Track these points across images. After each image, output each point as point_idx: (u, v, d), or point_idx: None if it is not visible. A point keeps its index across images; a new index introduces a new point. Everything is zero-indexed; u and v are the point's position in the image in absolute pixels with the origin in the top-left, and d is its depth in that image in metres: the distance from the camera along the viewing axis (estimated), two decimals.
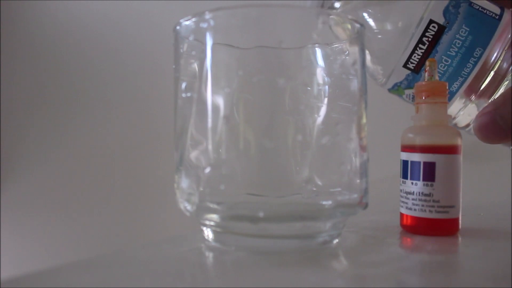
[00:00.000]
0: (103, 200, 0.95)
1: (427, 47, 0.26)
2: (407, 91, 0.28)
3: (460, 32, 0.25)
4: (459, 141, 0.23)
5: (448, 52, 0.26)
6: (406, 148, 0.24)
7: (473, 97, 0.27)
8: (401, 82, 0.27)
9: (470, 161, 0.36)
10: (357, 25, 0.22)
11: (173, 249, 0.22)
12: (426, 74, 0.24)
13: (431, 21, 0.25)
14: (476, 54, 0.25)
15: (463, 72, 0.26)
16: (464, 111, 0.27)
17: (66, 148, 0.98)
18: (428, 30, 0.25)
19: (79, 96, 0.97)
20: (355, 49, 0.22)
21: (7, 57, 1.02)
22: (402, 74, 0.27)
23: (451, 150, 0.23)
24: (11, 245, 1.02)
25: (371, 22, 0.27)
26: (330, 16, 0.22)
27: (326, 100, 0.21)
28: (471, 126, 0.27)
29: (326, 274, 0.18)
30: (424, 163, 0.23)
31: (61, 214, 0.98)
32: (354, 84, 0.22)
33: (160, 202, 0.79)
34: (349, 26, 0.22)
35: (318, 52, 0.21)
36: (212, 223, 0.21)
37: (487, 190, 0.44)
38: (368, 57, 0.28)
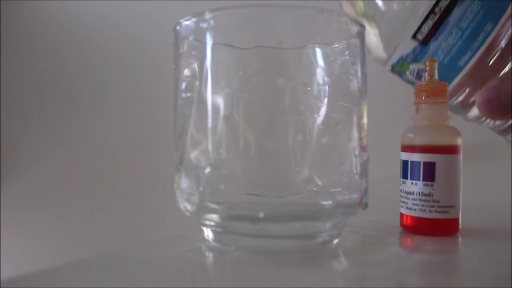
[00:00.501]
0: (103, 200, 0.95)
1: (438, 17, 0.25)
2: (412, 66, 0.28)
3: (472, 6, 0.25)
4: (459, 141, 0.23)
5: (459, 25, 0.25)
6: (406, 148, 0.24)
7: (478, 78, 0.26)
8: (407, 55, 0.27)
9: (470, 161, 0.36)
10: (357, 25, 0.22)
11: (173, 249, 0.22)
12: (426, 74, 0.24)
13: None
14: (487, 29, 0.25)
15: (472, 45, 0.26)
16: (469, 90, 0.27)
17: (66, 148, 0.98)
18: (441, 0, 0.25)
19: (79, 96, 0.97)
20: (355, 49, 0.22)
21: (7, 57, 1.02)
22: (410, 46, 0.27)
23: (451, 150, 0.23)
24: (11, 245, 1.02)
25: (378, 0, 0.27)
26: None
27: (326, 100, 0.21)
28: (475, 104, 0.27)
29: (326, 274, 0.18)
30: (424, 163, 0.23)
31: (61, 214, 0.99)
32: (354, 84, 0.22)
33: (160, 202, 0.79)
34: (361, 6, 0.22)
35: (318, 52, 0.21)
36: (212, 223, 0.21)
37: (487, 190, 0.44)
38: (373, 31, 0.28)
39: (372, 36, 0.28)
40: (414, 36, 0.26)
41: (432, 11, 0.25)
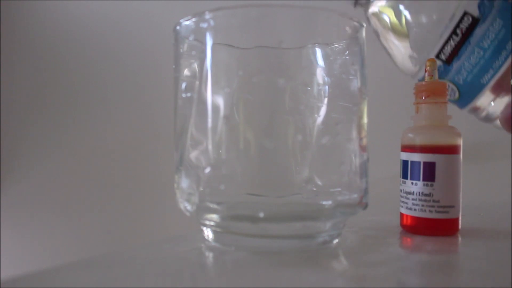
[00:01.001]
0: (103, 200, 0.95)
1: (460, 38, 0.26)
2: None
3: (493, 25, 0.26)
4: (459, 141, 0.23)
5: (480, 44, 0.26)
6: (406, 148, 0.24)
7: (502, 93, 0.27)
8: None
9: (470, 161, 0.36)
10: (357, 25, 0.22)
11: (173, 249, 0.22)
12: (426, 74, 0.24)
13: (465, 13, 0.26)
14: (508, 47, 0.26)
15: (494, 64, 0.26)
16: (494, 104, 0.28)
17: (66, 148, 0.98)
18: (462, 21, 0.26)
19: (79, 96, 0.97)
20: (355, 49, 0.22)
21: (7, 57, 1.02)
22: None
23: (451, 150, 0.23)
24: (11, 245, 1.02)
25: (407, 14, 0.27)
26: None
27: (326, 100, 0.21)
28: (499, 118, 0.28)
29: (326, 274, 0.18)
30: (424, 163, 0.23)
31: (61, 214, 0.99)
32: (354, 84, 0.22)
33: (160, 202, 0.79)
34: (392, 18, 0.22)
35: (318, 52, 0.21)
36: (212, 223, 0.21)
37: (487, 190, 0.44)
38: (402, 44, 0.28)
39: (401, 48, 0.29)
40: (437, 56, 0.27)
41: (454, 31, 0.26)
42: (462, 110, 0.30)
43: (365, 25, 0.23)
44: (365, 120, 0.23)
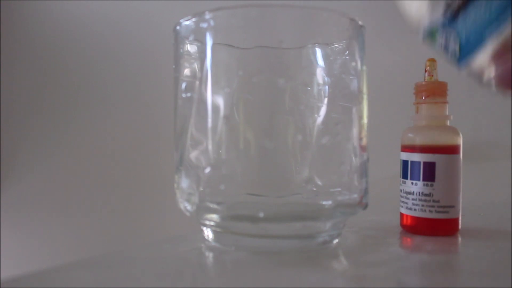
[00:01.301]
0: (103, 200, 0.95)
1: None
2: (441, 34, 0.28)
3: None
4: (459, 141, 0.23)
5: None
6: (406, 148, 0.24)
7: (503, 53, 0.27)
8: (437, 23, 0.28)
9: (470, 161, 0.36)
10: (357, 25, 0.22)
11: (173, 249, 0.22)
12: (426, 74, 0.24)
13: None
14: None
15: (498, 20, 0.26)
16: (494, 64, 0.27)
17: (66, 148, 0.98)
18: None
19: (79, 96, 0.97)
20: (355, 49, 0.22)
21: (7, 57, 1.02)
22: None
23: (451, 150, 0.23)
24: (11, 245, 1.02)
25: None
26: None
27: (326, 100, 0.21)
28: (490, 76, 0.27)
29: (326, 274, 0.18)
30: (424, 163, 0.23)
31: (61, 214, 0.99)
32: (354, 84, 0.22)
33: (160, 202, 0.79)
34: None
35: (318, 52, 0.21)
36: (212, 223, 0.21)
37: (487, 190, 0.44)
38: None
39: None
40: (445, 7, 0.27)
41: None
42: (462, 110, 0.30)
43: (365, 25, 0.23)
44: (365, 120, 0.23)
